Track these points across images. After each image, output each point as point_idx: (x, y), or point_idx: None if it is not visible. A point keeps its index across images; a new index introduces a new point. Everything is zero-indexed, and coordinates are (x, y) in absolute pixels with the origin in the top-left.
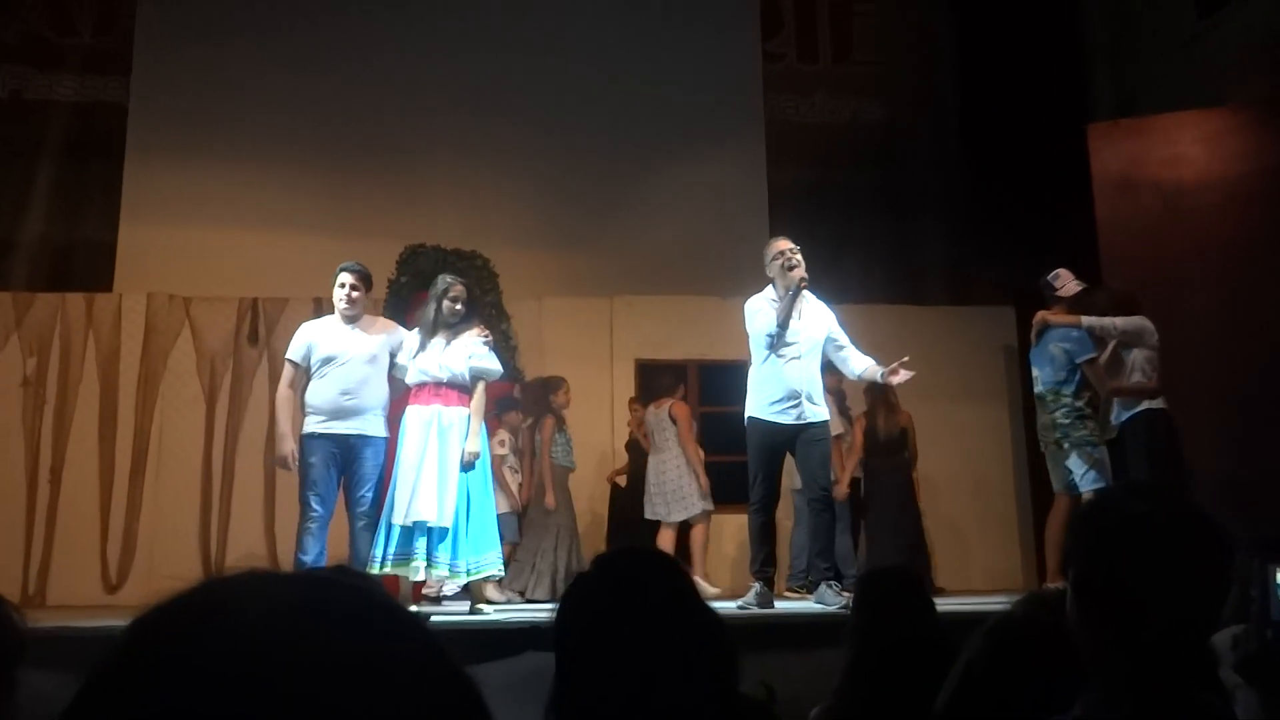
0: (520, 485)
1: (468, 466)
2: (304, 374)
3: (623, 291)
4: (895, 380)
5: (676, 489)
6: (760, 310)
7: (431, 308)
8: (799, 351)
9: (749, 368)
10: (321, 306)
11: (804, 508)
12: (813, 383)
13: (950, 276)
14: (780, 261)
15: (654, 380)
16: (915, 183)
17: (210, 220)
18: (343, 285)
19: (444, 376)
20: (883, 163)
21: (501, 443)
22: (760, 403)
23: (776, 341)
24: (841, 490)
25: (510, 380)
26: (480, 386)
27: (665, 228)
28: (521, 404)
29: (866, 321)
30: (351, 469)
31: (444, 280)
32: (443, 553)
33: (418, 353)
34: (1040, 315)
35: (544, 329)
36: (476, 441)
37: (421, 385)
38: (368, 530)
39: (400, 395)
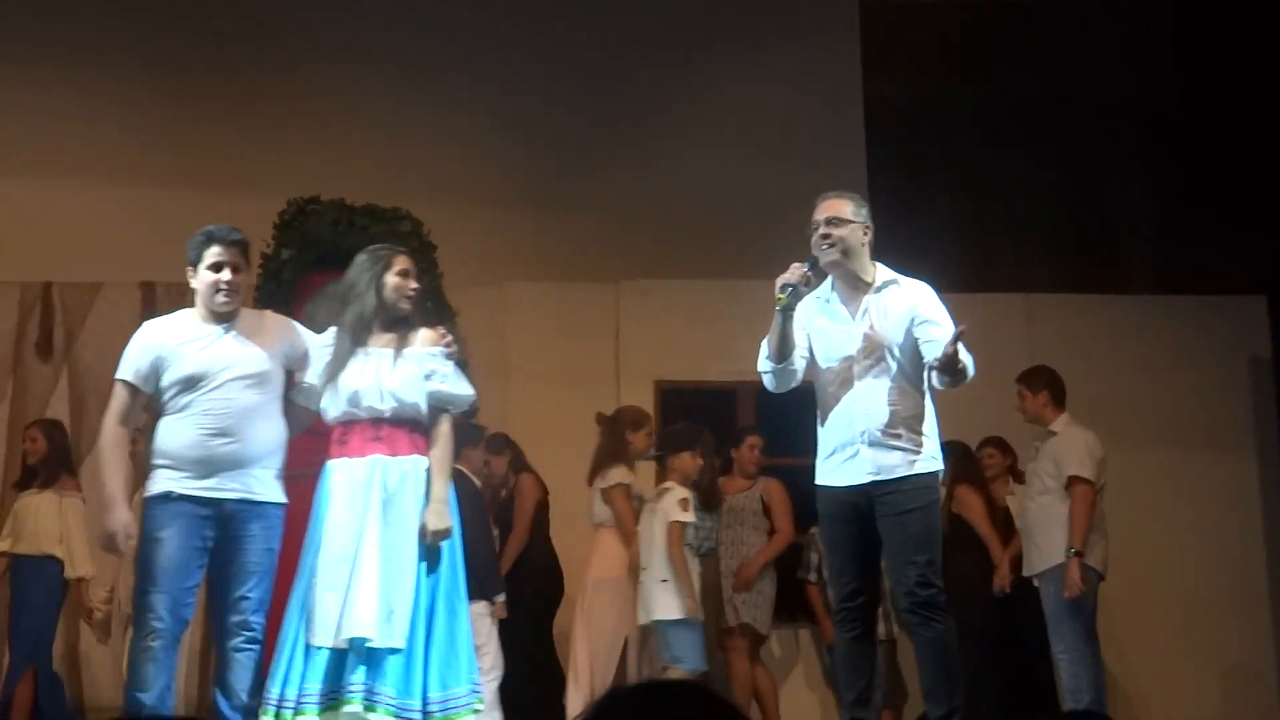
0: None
1: (431, 550)
2: (143, 404)
3: (634, 273)
4: (946, 351)
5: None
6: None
7: (366, 299)
8: (853, 369)
9: None
10: (156, 296)
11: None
12: (879, 414)
13: (1164, 252)
14: (812, 240)
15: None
16: (1104, 103)
17: None
18: (216, 264)
19: (387, 409)
20: (1046, 69)
21: (684, 503)
22: (818, 455)
23: (775, 380)
24: (1000, 576)
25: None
26: (446, 423)
27: (701, 174)
28: (485, 436)
29: (1018, 314)
30: (228, 555)
31: (377, 253)
32: (388, 687)
33: (336, 369)
34: None
35: (508, 330)
36: (444, 511)
37: (349, 423)
38: (249, 655)
39: (302, 435)
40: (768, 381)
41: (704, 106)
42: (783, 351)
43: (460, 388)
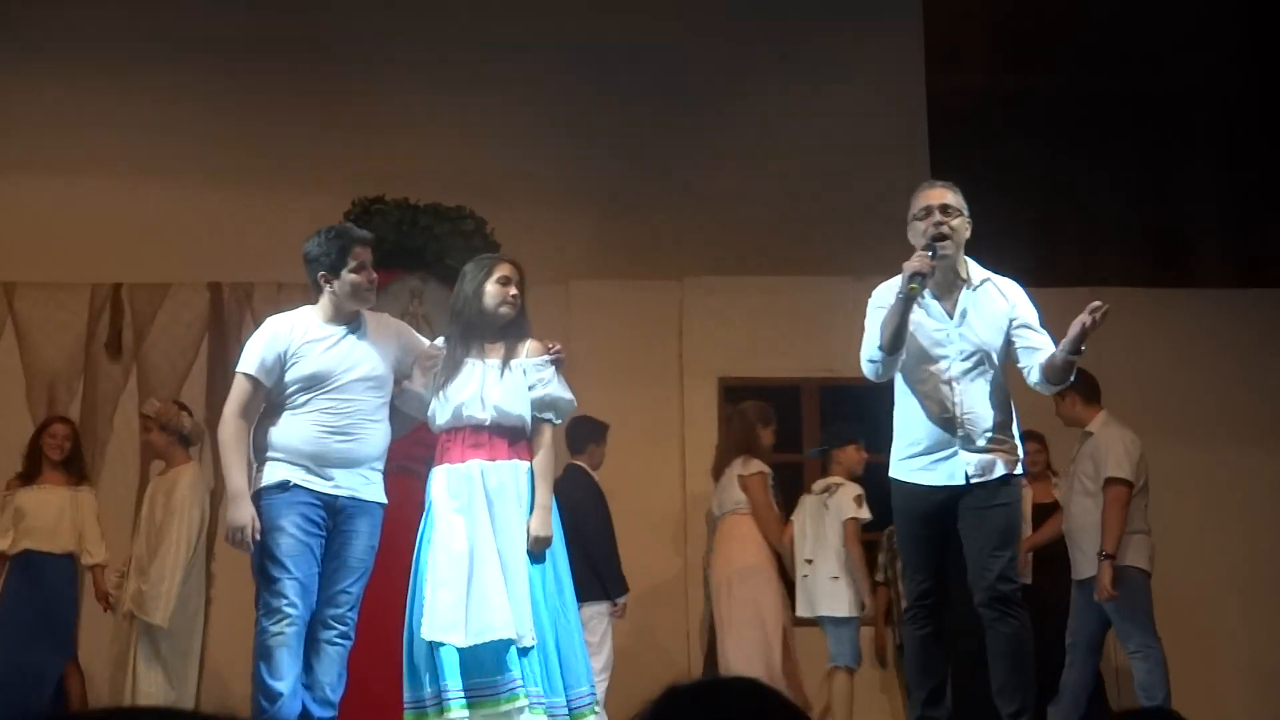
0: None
1: (537, 557)
2: (262, 399)
3: (698, 270)
4: (1078, 329)
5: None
6: (874, 311)
7: (470, 307)
8: (950, 369)
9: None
10: (223, 296)
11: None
12: (979, 416)
13: (1237, 244)
14: (919, 228)
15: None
16: (1176, 93)
17: (41, 163)
18: (360, 265)
19: (488, 418)
20: (1115, 57)
21: (859, 499)
22: (897, 454)
23: (882, 369)
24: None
25: None
26: (548, 431)
27: (764, 170)
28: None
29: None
30: (333, 549)
31: (480, 261)
32: (535, 685)
33: (444, 379)
34: None
35: (572, 329)
36: (547, 519)
37: (451, 433)
38: (340, 650)
39: (406, 440)
40: (872, 371)
41: (767, 102)
42: (899, 342)
43: (562, 393)
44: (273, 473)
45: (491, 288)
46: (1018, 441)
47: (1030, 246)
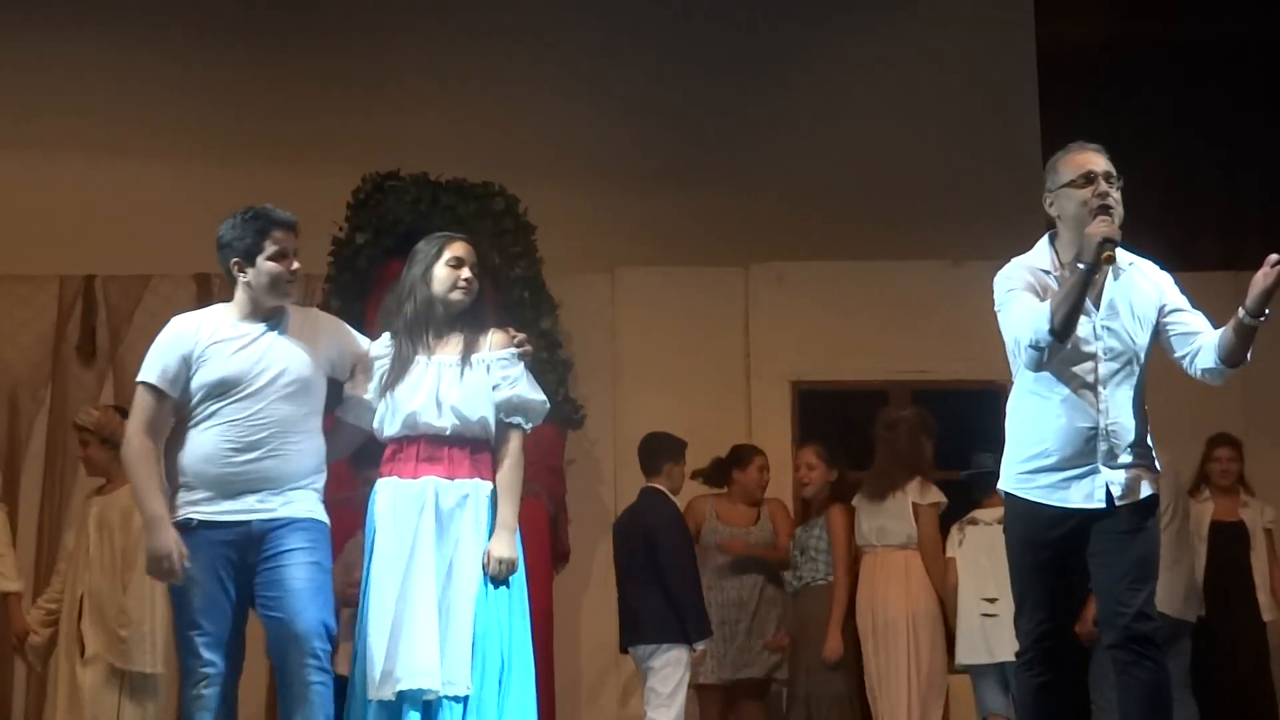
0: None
1: (497, 582)
2: (170, 413)
3: (766, 255)
4: (1273, 281)
5: None
6: (1019, 289)
7: (417, 295)
8: (1096, 370)
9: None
10: (213, 289)
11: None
12: (1124, 428)
13: None
14: (1078, 197)
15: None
16: None
17: (1, 141)
18: (280, 252)
19: (447, 425)
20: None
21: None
22: (1017, 466)
23: (1049, 356)
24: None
25: (560, 423)
26: (516, 440)
27: (843, 140)
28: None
29: (1227, 295)
30: (272, 577)
31: (430, 240)
32: None
33: (391, 381)
34: None
35: (619, 323)
36: (511, 540)
37: (402, 442)
38: (318, 690)
39: (349, 458)
40: (1035, 360)
41: (845, 63)
42: (1073, 324)
43: (532, 394)
44: (179, 509)
45: (441, 271)
46: (1155, 455)
47: (1160, 225)
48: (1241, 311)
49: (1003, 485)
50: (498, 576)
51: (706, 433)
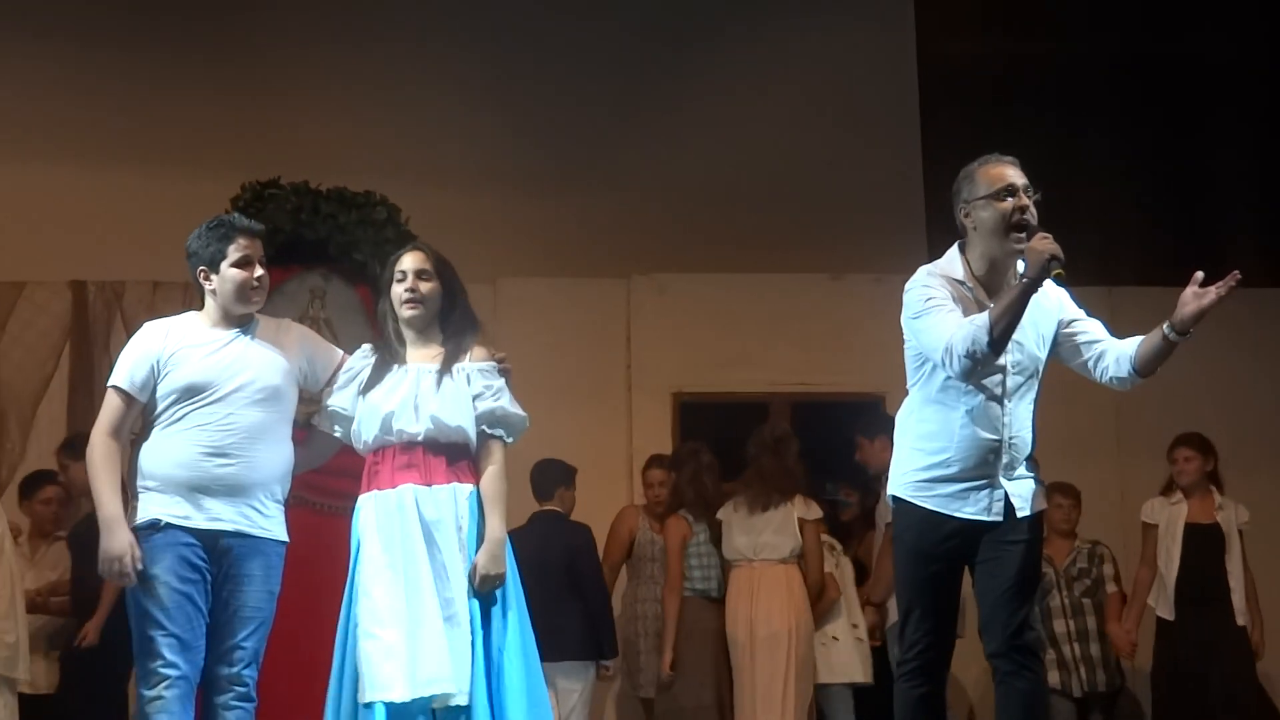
0: None
1: (486, 598)
2: (136, 417)
3: (649, 266)
4: (1209, 301)
5: None
6: (939, 299)
7: (385, 306)
8: (1004, 383)
9: (900, 407)
10: (88, 297)
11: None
12: (1023, 441)
13: (1275, 238)
14: (998, 209)
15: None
16: (1203, 64)
17: None
18: (245, 259)
19: (420, 431)
20: (1133, 22)
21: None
22: (913, 474)
23: (982, 367)
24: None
25: None
26: (498, 451)
27: (726, 152)
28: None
29: (1101, 309)
30: (223, 597)
31: (396, 254)
32: None
33: (367, 389)
34: None
35: (501, 334)
36: (500, 554)
37: (379, 453)
38: (240, 715)
39: (320, 467)
40: (966, 369)
41: (729, 77)
42: (1010, 337)
43: (514, 409)
44: (144, 509)
45: (395, 287)
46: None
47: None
48: (1167, 327)
49: (895, 491)
50: (483, 590)
51: (587, 443)
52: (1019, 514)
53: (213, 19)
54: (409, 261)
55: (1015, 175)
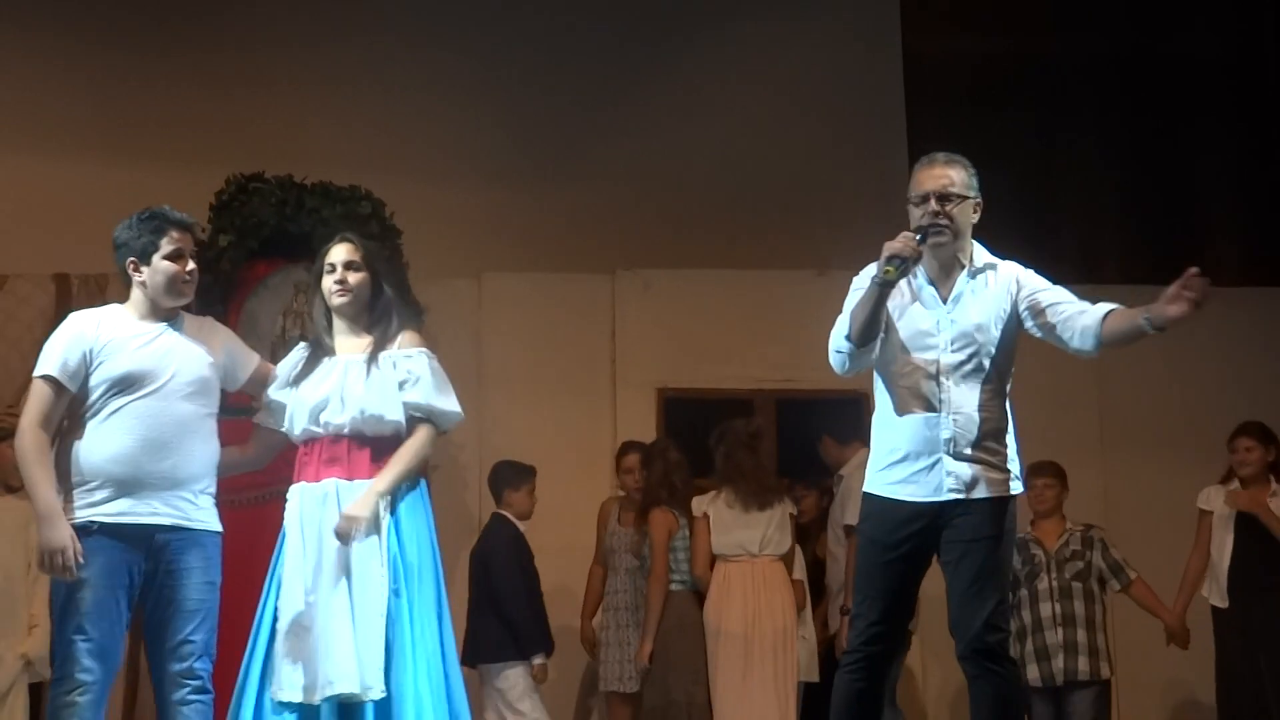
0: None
1: (338, 536)
2: (67, 407)
3: (633, 262)
4: (1176, 311)
5: None
6: (859, 293)
7: (315, 297)
8: (939, 361)
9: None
10: (72, 290)
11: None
12: (968, 419)
13: (1255, 238)
14: (914, 214)
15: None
16: (1187, 63)
17: None
18: (177, 252)
19: (345, 422)
20: (1117, 20)
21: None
22: (875, 466)
23: (850, 361)
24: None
25: None
26: (425, 431)
27: (712, 147)
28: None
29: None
30: (164, 593)
31: (325, 248)
32: None
33: (298, 380)
34: None
35: (485, 330)
36: (371, 501)
37: (309, 444)
38: (197, 709)
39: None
40: (838, 364)
41: (714, 72)
42: (870, 333)
43: (441, 402)
44: (77, 510)
45: (325, 279)
46: (1014, 458)
47: (1021, 238)
48: (1146, 320)
49: (865, 487)
50: (341, 534)
51: (571, 439)
52: (966, 495)
53: (197, 13)
54: (337, 254)
55: (933, 181)
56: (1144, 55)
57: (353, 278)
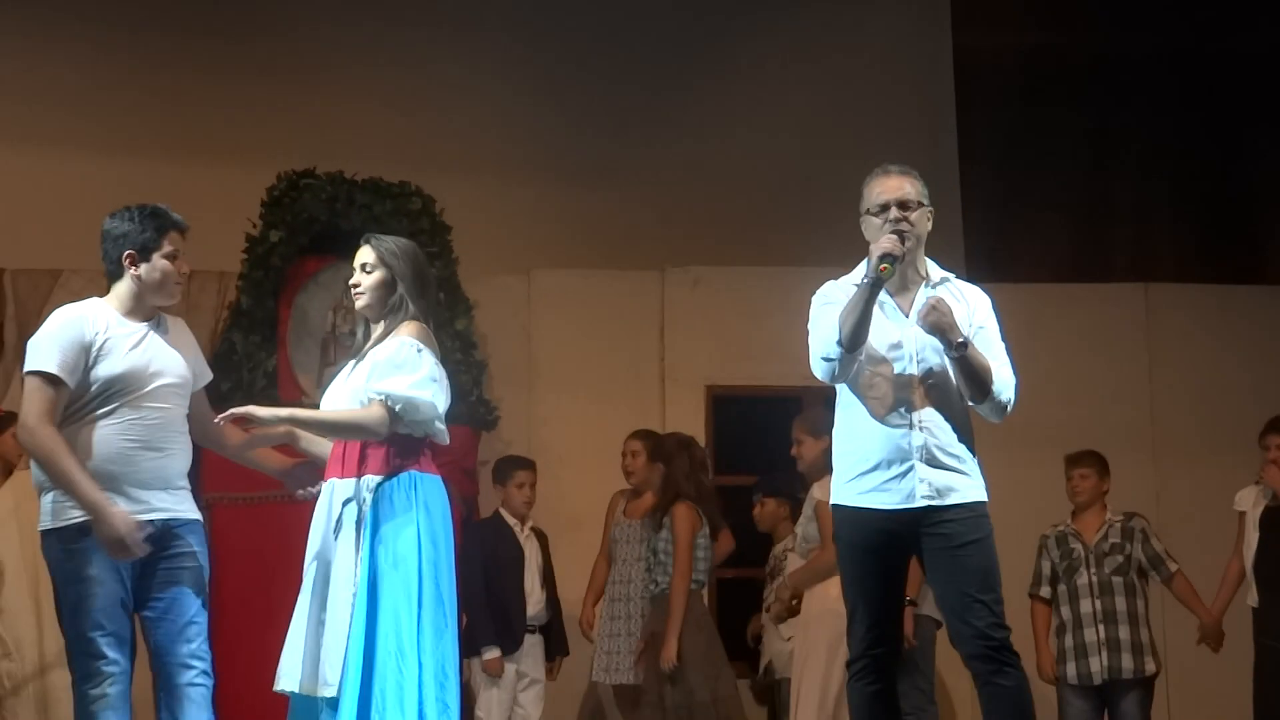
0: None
1: (385, 579)
2: (63, 404)
3: (682, 259)
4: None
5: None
6: (825, 306)
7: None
8: (907, 369)
9: None
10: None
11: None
12: (938, 427)
13: None
14: (874, 224)
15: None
16: (1241, 58)
17: None
18: (174, 252)
19: None
20: (1174, 16)
21: None
22: (843, 477)
23: (839, 368)
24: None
25: (474, 424)
26: (374, 406)
27: (763, 144)
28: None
29: (1138, 306)
30: (164, 578)
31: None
32: None
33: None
34: None
35: (535, 327)
36: (272, 408)
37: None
38: (203, 691)
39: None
40: (828, 372)
41: (764, 69)
42: (861, 336)
43: (393, 384)
44: (71, 511)
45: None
46: (978, 468)
47: (1074, 236)
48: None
49: (834, 499)
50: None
51: (620, 436)
52: (941, 502)
53: (249, 11)
54: (357, 258)
55: (891, 190)
56: (1198, 53)
57: (365, 280)
